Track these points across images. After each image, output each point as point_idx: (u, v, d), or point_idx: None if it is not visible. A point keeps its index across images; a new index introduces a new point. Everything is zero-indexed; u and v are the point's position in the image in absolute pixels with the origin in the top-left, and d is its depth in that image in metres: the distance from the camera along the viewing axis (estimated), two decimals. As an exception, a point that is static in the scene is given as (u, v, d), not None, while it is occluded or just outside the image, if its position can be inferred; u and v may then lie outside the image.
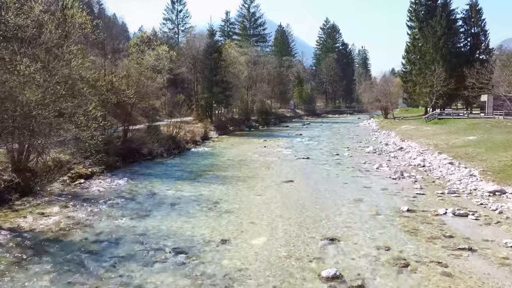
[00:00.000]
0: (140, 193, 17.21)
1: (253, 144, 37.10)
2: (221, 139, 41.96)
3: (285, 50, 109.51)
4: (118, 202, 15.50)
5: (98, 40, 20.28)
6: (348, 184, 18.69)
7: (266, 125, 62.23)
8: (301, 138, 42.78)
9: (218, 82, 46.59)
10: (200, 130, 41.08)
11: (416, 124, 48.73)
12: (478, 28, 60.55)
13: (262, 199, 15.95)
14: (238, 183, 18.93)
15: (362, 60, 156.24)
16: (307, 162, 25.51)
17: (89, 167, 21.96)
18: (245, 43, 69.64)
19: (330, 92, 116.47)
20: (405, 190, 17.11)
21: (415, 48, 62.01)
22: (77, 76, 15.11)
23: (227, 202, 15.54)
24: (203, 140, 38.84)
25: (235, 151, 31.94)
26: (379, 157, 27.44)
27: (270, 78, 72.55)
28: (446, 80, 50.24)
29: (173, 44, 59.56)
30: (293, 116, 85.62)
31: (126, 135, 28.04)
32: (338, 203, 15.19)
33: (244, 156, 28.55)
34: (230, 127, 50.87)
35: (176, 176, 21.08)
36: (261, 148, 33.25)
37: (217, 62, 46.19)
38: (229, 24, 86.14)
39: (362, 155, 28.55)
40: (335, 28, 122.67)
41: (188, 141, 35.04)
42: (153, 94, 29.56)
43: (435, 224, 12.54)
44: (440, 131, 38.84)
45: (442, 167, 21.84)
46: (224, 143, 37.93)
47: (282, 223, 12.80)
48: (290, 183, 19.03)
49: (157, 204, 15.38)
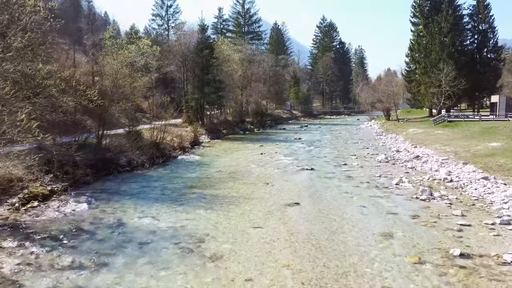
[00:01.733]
0: (105, 223, 13.37)
1: (248, 150, 33.31)
2: (212, 144, 38.12)
3: (281, 49, 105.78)
4: (71, 240, 11.64)
5: (60, 29, 16.24)
6: (368, 208, 14.96)
7: (261, 128, 58.46)
8: (300, 143, 39.03)
9: (210, 82, 42.71)
10: (190, 134, 37.21)
11: (424, 127, 45.19)
12: (486, 25, 57.27)
13: (262, 234, 12.15)
14: (230, 208, 15.12)
15: (359, 60, 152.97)
16: (312, 175, 21.75)
17: (48, 184, 18.11)
18: (240, 41, 65.79)
19: (327, 92, 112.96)
20: (443, 219, 13.40)
21: (419, 46, 58.57)
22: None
23: (214, 239, 11.74)
24: (193, 145, 34.97)
25: (228, 159, 28.12)
26: (393, 167, 23.77)
27: (266, 78, 68.81)
28: (456, 79, 46.71)
29: (163, 41, 55.52)
30: (289, 117, 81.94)
31: (101, 142, 24.14)
32: (362, 242, 11.44)
33: (237, 167, 24.74)
34: (223, 130, 47.03)
35: (154, 196, 17.23)
36: (257, 156, 29.47)
37: (208, 59, 42.29)
38: (222, 21, 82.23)
39: (373, 165, 24.87)
40: (332, 26, 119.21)
41: (175, 147, 31.17)
42: (134, 94, 25.62)
43: (509, 283, 8.83)
44: (454, 135, 35.30)
45: (475, 183, 18.18)
46: (216, 149, 34.09)
47: (291, 280, 9.02)
48: (296, 206, 15.26)
49: (122, 243, 11.55)
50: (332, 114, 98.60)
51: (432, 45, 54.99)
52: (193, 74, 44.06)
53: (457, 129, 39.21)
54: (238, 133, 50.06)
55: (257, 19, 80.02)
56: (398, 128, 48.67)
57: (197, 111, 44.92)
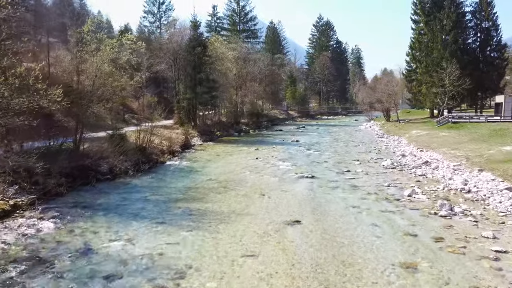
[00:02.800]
0: (69, 249, 11.13)
1: (243, 153, 31.13)
2: (205, 147, 35.90)
3: (277, 48, 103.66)
4: (20, 275, 9.39)
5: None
6: (381, 227, 12.79)
7: (257, 129, 56.25)
8: (298, 145, 36.86)
9: (203, 81, 40.47)
10: (180, 136, 34.96)
11: (427, 128, 43.14)
12: (489, 23, 55.38)
13: (256, 265, 9.96)
14: (219, 228, 12.89)
15: (355, 59, 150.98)
16: (313, 184, 19.57)
17: (12, 197, 15.81)
18: (235, 39, 63.53)
19: (324, 92, 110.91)
20: (472, 243, 11.26)
21: (420, 44, 56.55)
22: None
23: (198, 273, 9.53)
24: (183, 149, 32.73)
25: (220, 165, 25.90)
26: (402, 175, 21.66)
27: (262, 77, 66.64)
28: (460, 79, 44.71)
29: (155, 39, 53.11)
30: (286, 118, 79.74)
31: (79, 147, 21.85)
32: (380, 278, 9.27)
33: (230, 174, 22.53)
34: (217, 132, 44.78)
35: (133, 211, 14.98)
36: (253, 161, 27.28)
37: (201, 57, 40.02)
38: (217, 19, 79.96)
39: (379, 171, 22.74)
40: (329, 25, 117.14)
41: (164, 151, 28.93)
42: (116, 94, 23.35)
43: None
44: (461, 138, 33.25)
45: (498, 195, 16.09)
46: (208, 153, 31.86)
47: None
48: (297, 226, 13.08)
49: (84, 278, 9.31)
50: (329, 115, 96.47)
51: (434, 43, 53.02)
52: (185, 73, 41.79)
53: (463, 131, 37.20)
54: (232, 135, 47.84)
55: (252, 16, 77.82)
56: (400, 129, 46.63)
57: (189, 112, 42.67)
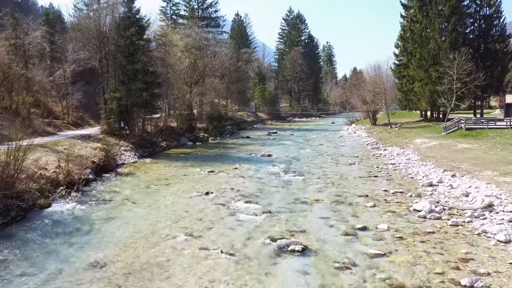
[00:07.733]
0: None
1: (188, 182, 20.41)
2: (137, 168, 24.85)
3: (244, 43, 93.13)
4: None
5: None
6: None
7: (219, 136, 45.44)
8: (271, 164, 26.30)
9: (139, 74, 29.29)
10: (98, 153, 23.72)
11: (433, 137, 33.69)
12: (491, 9, 47.02)
13: None
14: None
15: (327, 57, 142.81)
16: (307, 275, 9.12)
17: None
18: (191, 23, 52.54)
19: (296, 91, 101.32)
20: None
21: (412, 33, 47.51)
22: None
23: None
24: (98, 173, 21.60)
25: (139, 215, 15.01)
26: (464, 239, 11.61)
27: (225, 73, 55.86)
28: (472, 73, 35.62)
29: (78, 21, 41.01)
30: (254, 121, 69.23)
31: None
32: None
33: (144, 247, 11.70)
34: (163, 142, 33.66)
35: None
36: (199, 200, 16.63)
37: (134, 42, 28.84)
38: (173, 5, 68.23)
39: (417, 229, 12.61)
40: (300, 18, 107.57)
41: (57, 182, 17.78)
42: None
43: None
44: (497, 153, 23.81)
45: None
46: (136, 181, 20.88)
47: None
48: None
49: None
50: (302, 117, 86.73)
51: (430, 32, 44.08)
52: (114, 63, 30.42)
53: (488, 141, 27.94)
54: (184, 145, 36.86)
55: (213, 2, 66.73)
56: (396, 137, 37.13)
57: (125, 116, 31.28)
